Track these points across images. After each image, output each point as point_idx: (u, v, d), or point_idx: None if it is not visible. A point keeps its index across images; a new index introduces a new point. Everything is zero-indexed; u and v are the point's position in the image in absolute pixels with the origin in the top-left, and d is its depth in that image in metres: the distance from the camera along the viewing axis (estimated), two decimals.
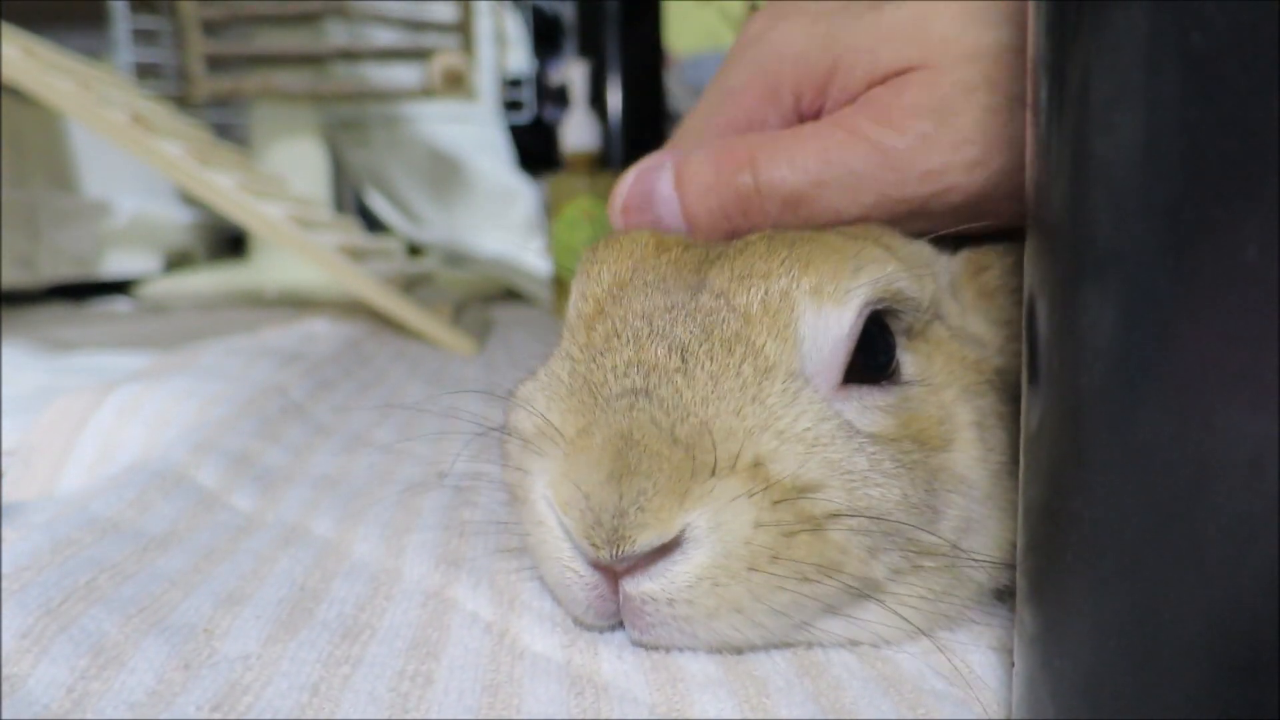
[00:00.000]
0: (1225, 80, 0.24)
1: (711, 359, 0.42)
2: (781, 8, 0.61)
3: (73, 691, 0.38)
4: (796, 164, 0.53)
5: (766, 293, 0.44)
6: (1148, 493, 0.27)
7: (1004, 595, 0.47)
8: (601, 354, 0.44)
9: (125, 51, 1.95)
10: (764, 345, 0.43)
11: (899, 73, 0.53)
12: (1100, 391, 0.28)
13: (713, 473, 0.39)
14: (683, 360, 0.42)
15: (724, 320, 0.43)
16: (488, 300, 1.88)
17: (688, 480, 0.39)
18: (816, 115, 0.59)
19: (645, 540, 0.38)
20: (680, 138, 0.65)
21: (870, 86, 0.54)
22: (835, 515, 0.40)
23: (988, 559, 0.45)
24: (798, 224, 0.53)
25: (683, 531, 0.39)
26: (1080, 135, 0.29)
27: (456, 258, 2.33)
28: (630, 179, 0.59)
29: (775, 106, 0.59)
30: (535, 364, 0.51)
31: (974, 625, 0.46)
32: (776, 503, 0.39)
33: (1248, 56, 0.23)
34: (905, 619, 0.43)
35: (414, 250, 2.39)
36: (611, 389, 0.42)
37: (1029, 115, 0.33)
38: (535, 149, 2.72)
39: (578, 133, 1.74)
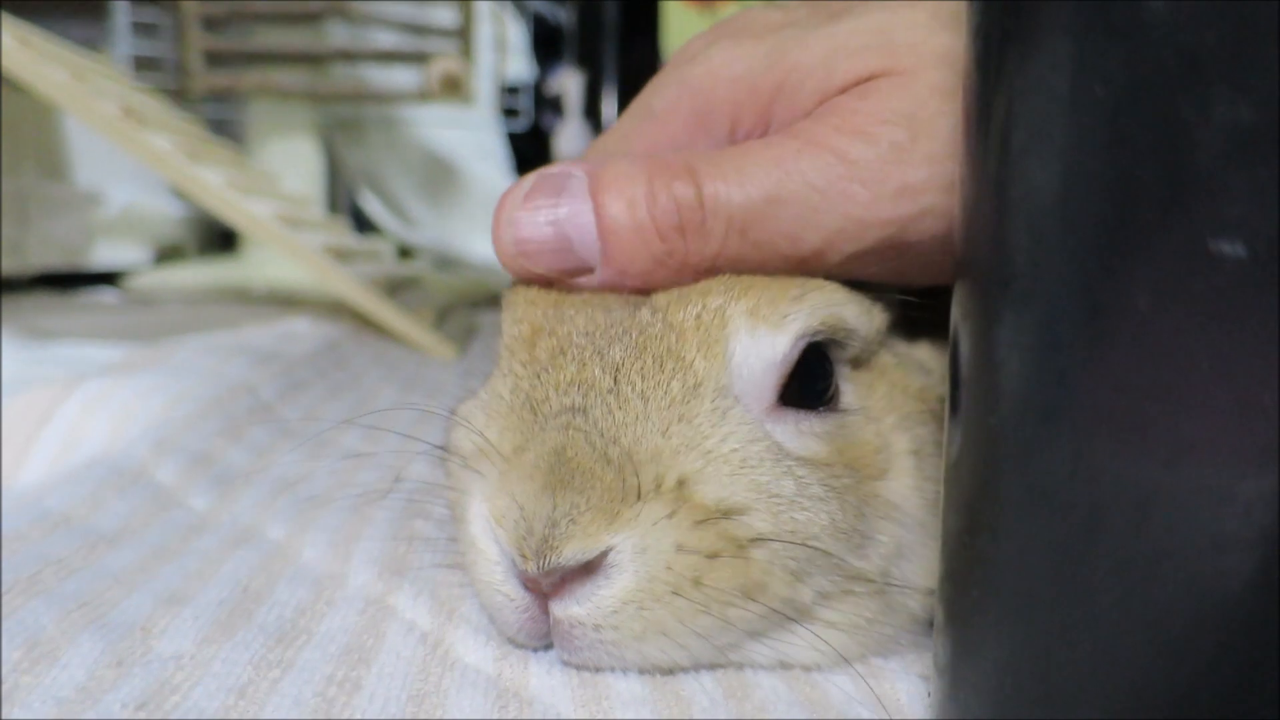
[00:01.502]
0: (1122, 132, 0.25)
1: (642, 377, 0.43)
2: (726, 26, 0.53)
3: (2, 685, 0.38)
4: (746, 176, 0.44)
5: (702, 309, 0.44)
6: (1045, 533, 0.27)
7: None
8: (546, 370, 0.44)
9: (124, 44, 1.96)
10: (693, 361, 0.43)
11: (860, 81, 0.45)
12: (1007, 430, 0.29)
13: (639, 496, 0.40)
14: (614, 380, 0.42)
15: (658, 336, 0.44)
16: (475, 305, 1.88)
17: (618, 503, 0.39)
18: None
19: (570, 552, 0.39)
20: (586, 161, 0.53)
21: (823, 102, 0.46)
22: (759, 539, 0.41)
23: (917, 587, 0.45)
24: (747, 253, 0.45)
25: (607, 554, 0.39)
26: (1000, 177, 0.30)
27: (447, 261, 2.33)
28: (519, 193, 0.46)
29: (706, 135, 0.50)
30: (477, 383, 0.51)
31: (905, 653, 0.46)
32: (699, 523, 0.40)
33: (1142, 110, 0.24)
34: (834, 644, 0.43)
35: (405, 252, 2.40)
36: (551, 406, 0.43)
37: (959, 153, 0.33)
38: (532, 156, 2.73)
39: (571, 142, 1.75)
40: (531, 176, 0.47)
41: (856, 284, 0.48)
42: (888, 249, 0.45)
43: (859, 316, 0.46)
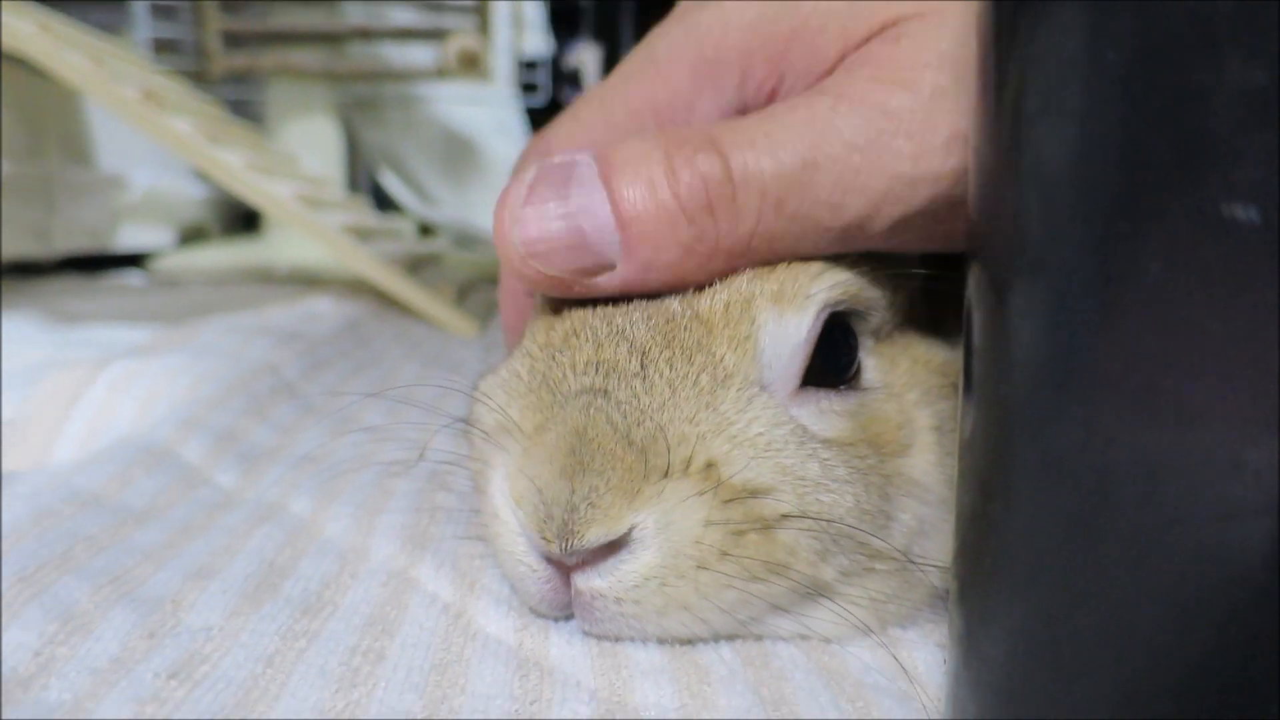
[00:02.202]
0: (1134, 97, 0.24)
1: (671, 366, 0.43)
2: None
3: (39, 655, 0.40)
4: (776, 141, 0.40)
5: (730, 299, 0.44)
6: (1056, 502, 0.28)
7: None
8: (560, 352, 0.45)
9: (144, 26, 1.97)
10: (724, 356, 0.43)
11: (885, 26, 0.42)
12: (1019, 399, 0.29)
13: (665, 474, 0.40)
14: (642, 365, 0.42)
15: (686, 326, 0.43)
16: (496, 282, 1.89)
17: (639, 481, 0.40)
18: (768, 101, 0.46)
19: (593, 536, 0.39)
20: (574, 115, 0.49)
21: (845, 53, 0.42)
22: (785, 517, 0.41)
23: (939, 564, 0.45)
24: (784, 228, 0.42)
25: (631, 531, 0.40)
26: (1011, 144, 0.29)
27: (468, 239, 2.34)
28: (522, 188, 0.42)
29: (713, 87, 0.46)
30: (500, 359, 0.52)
31: (923, 623, 0.46)
32: (727, 502, 0.40)
33: (1154, 74, 0.24)
34: (854, 619, 0.44)
35: (426, 230, 2.41)
36: (570, 386, 0.43)
37: (973, 123, 0.33)
38: None
39: None
40: (532, 167, 0.43)
41: (882, 259, 0.48)
42: (940, 208, 0.41)
43: (878, 284, 0.46)
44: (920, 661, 0.44)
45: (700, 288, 0.45)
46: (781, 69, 0.45)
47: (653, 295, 0.45)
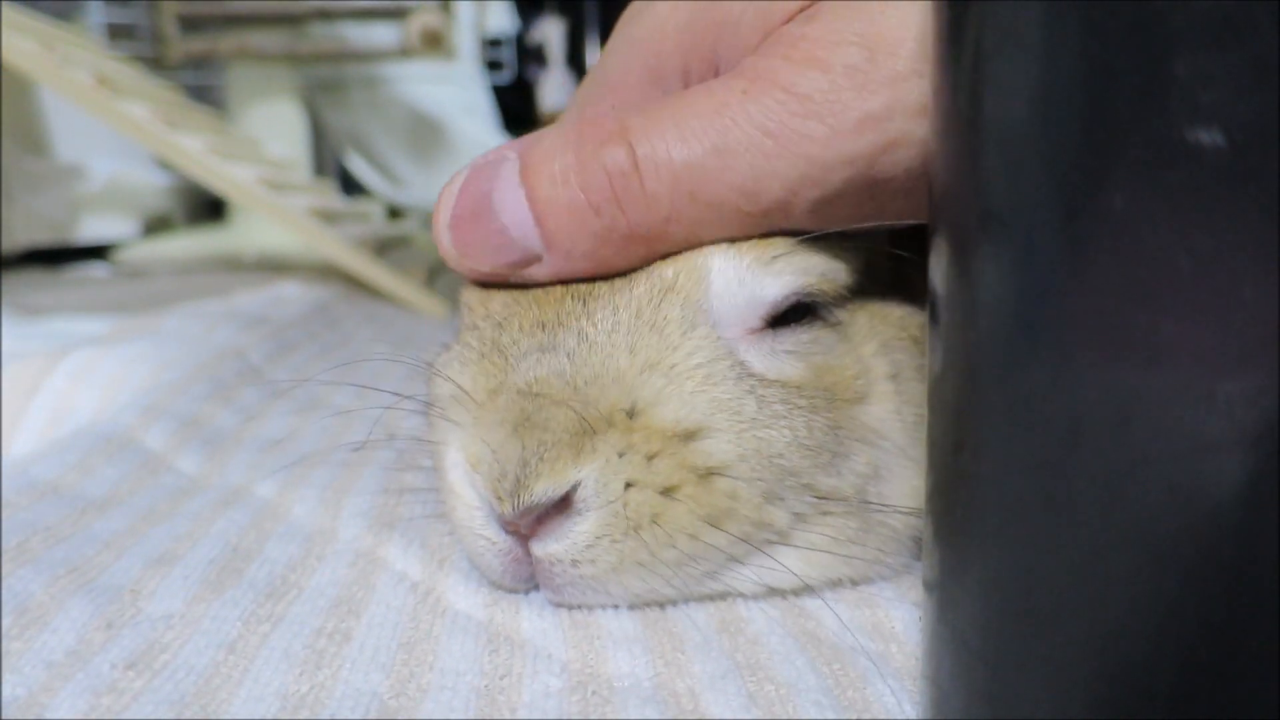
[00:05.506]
0: (1093, 21, 0.23)
1: (612, 289, 0.43)
2: None
3: None
4: (686, 129, 0.40)
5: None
6: (1026, 447, 0.27)
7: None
8: (506, 320, 0.44)
9: (98, 12, 1.92)
10: (664, 270, 0.43)
11: (802, 9, 0.41)
12: (986, 344, 0.28)
13: (609, 424, 0.40)
14: (584, 304, 0.42)
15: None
16: None
17: (583, 436, 0.39)
18: None
19: (540, 490, 0.39)
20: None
21: (766, 35, 0.42)
22: (720, 464, 0.40)
23: (897, 507, 0.45)
24: (701, 215, 0.41)
25: (577, 488, 0.39)
26: (972, 84, 0.28)
27: None
28: (458, 181, 0.44)
29: (662, 92, 0.47)
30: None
31: (899, 580, 0.46)
32: (652, 457, 0.40)
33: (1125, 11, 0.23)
34: (818, 565, 0.43)
35: (395, 213, 2.38)
36: (521, 347, 0.43)
37: (929, 64, 0.32)
38: (518, 109, 2.69)
39: (556, 92, 1.73)
40: (466, 168, 0.45)
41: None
42: (858, 190, 0.40)
43: (846, 265, 0.46)
44: (896, 620, 0.43)
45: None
46: (715, 63, 0.45)
47: None
